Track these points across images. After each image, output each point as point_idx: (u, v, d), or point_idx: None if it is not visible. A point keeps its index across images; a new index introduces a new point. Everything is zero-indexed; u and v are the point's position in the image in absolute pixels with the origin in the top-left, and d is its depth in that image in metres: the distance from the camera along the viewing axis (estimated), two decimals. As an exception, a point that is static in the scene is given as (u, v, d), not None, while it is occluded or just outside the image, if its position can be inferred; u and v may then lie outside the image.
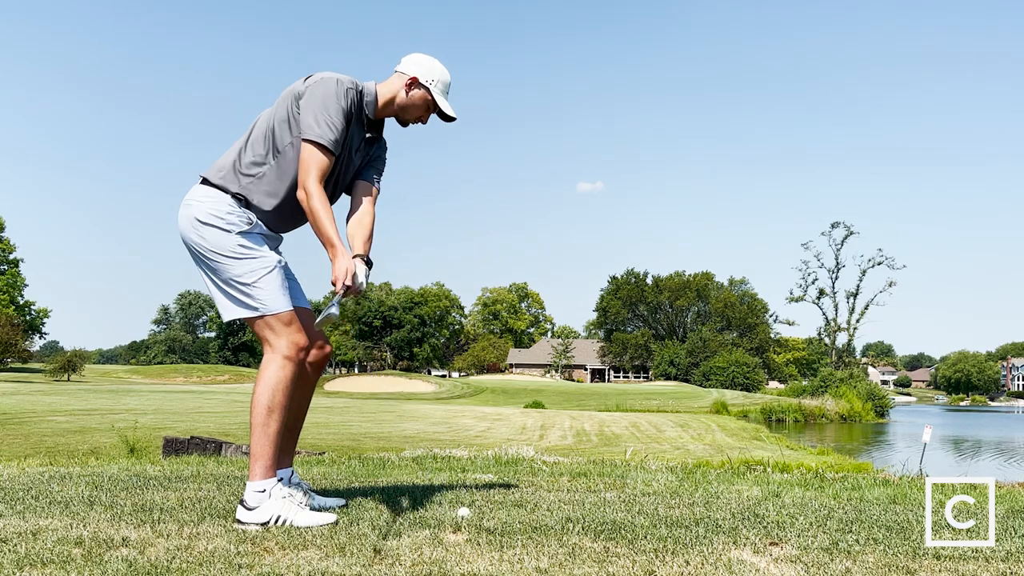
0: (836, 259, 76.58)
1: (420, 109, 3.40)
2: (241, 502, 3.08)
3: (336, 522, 3.05)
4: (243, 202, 3.22)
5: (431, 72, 3.38)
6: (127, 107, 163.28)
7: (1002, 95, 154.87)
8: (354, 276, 3.07)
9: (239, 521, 3.03)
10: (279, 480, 3.21)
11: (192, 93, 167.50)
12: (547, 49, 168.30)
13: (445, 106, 3.40)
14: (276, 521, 3.04)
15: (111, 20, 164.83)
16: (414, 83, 3.36)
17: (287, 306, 3.19)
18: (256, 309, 3.15)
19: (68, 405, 23.84)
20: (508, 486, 4.18)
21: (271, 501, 3.06)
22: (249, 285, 3.15)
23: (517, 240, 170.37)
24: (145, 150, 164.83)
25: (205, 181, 3.24)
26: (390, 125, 3.51)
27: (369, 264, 3.23)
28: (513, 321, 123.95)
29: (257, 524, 3.02)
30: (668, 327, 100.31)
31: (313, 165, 3.13)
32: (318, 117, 3.14)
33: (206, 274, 3.23)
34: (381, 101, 3.37)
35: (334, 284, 3.06)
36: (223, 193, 3.20)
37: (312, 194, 3.10)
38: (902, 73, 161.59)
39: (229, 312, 3.21)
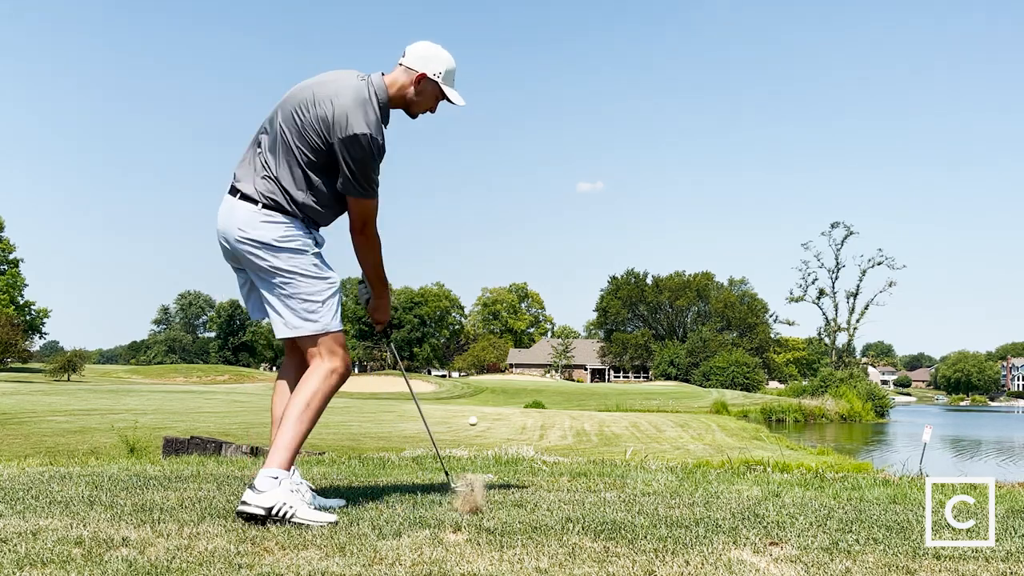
0: (836, 259, 76.59)
1: (430, 101, 3.44)
2: (250, 485, 3.07)
3: (336, 522, 3.04)
4: (308, 221, 3.34)
5: (437, 64, 3.38)
6: (127, 106, 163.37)
7: (1002, 95, 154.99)
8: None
9: (244, 503, 3.02)
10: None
11: (192, 92, 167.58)
12: (547, 49, 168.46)
13: (454, 96, 3.43)
14: (280, 508, 3.02)
15: (111, 19, 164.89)
16: (422, 79, 3.38)
17: (342, 326, 3.36)
18: (321, 325, 3.27)
19: (68, 405, 23.85)
20: (508, 486, 4.18)
21: (279, 489, 3.05)
22: (319, 303, 3.27)
23: (517, 240, 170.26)
24: (146, 150, 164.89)
25: (269, 204, 3.27)
26: (398, 118, 3.52)
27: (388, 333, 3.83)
28: (513, 321, 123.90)
29: (262, 508, 3.00)
30: (668, 327, 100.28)
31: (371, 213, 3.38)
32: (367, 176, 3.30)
33: (272, 291, 3.29)
34: (390, 94, 3.37)
35: (377, 323, 3.66)
36: (291, 216, 3.29)
37: (371, 236, 3.42)
38: (902, 73, 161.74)
39: (293, 329, 3.27)
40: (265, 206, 3.26)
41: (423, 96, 3.40)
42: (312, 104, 3.24)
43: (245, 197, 3.29)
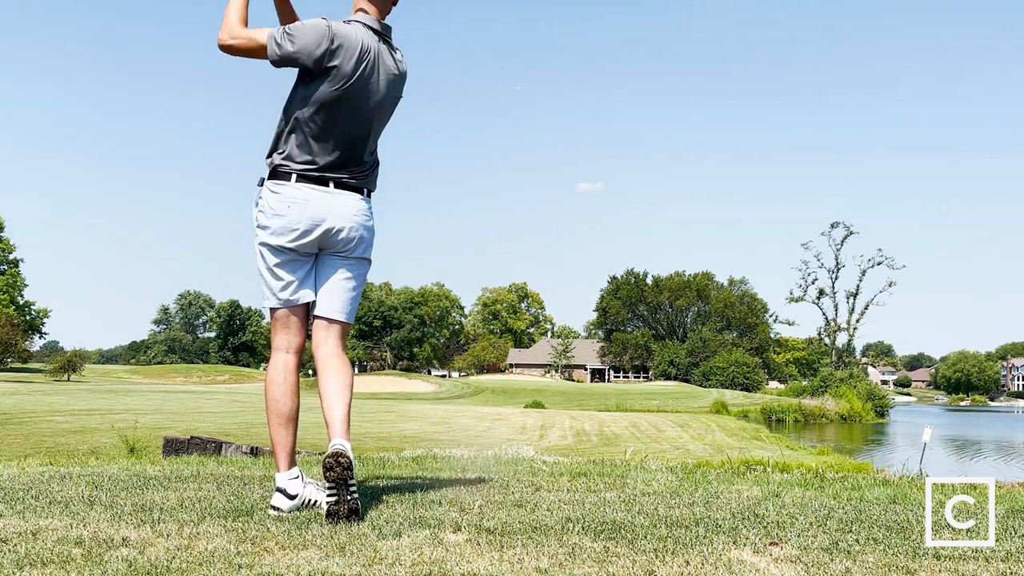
0: (836, 259, 76.72)
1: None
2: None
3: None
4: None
5: None
6: (127, 106, 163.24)
7: (1004, 94, 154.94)
8: None
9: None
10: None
11: (192, 90, 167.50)
12: (547, 48, 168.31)
13: None
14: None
15: (109, 17, 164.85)
16: None
17: None
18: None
19: (68, 405, 23.86)
20: (508, 486, 4.17)
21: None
22: None
23: (517, 240, 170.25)
24: (146, 149, 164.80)
25: (369, 192, 3.37)
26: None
27: None
28: (513, 321, 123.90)
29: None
30: (668, 327, 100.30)
31: None
32: None
33: (355, 277, 3.37)
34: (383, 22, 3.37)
35: None
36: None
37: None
38: (902, 73, 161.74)
39: (352, 316, 3.41)
40: (369, 195, 3.36)
41: (388, 9, 3.37)
42: (396, 71, 3.32)
43: (350, 187, 3.27)
